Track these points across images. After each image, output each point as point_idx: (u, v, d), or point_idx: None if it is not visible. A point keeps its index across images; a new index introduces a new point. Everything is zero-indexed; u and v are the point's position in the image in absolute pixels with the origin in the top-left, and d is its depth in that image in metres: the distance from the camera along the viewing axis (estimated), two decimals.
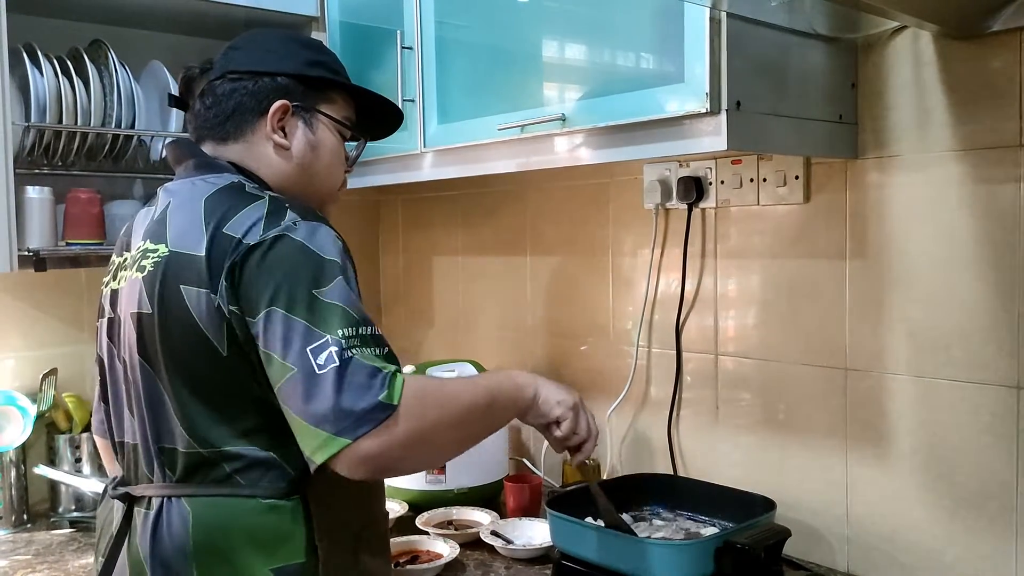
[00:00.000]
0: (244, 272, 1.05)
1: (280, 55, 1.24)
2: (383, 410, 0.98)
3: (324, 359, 0.98)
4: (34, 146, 1.82)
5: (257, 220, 1.07)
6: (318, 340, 0.99)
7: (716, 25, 1.25)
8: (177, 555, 1.09)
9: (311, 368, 0.98)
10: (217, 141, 1.23)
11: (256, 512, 1.09)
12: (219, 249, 1.06)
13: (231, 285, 1.05)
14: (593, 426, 1.26)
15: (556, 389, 1.22)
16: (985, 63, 1.35)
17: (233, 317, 1.05)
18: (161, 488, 1.13)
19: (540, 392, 1.21)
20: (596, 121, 1.42)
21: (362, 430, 0.97)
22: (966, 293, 1.39)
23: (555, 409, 1.21)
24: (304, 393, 0.98)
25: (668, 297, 1.83)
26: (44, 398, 1.95)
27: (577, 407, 1.23)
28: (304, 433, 0.99)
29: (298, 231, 1.06)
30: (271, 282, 1.03)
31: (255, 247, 1.05)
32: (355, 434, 0.96)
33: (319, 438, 0.98)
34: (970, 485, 1.40)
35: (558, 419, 1.22)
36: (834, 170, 1.55)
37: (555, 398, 1.21)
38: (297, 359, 0.99)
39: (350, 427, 0.97)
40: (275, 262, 1.04)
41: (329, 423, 0.97)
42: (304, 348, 0.99)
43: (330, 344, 0.99)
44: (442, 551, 1.63)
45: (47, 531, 1.90)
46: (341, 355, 0.99)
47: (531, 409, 1.20)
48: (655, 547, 1.41)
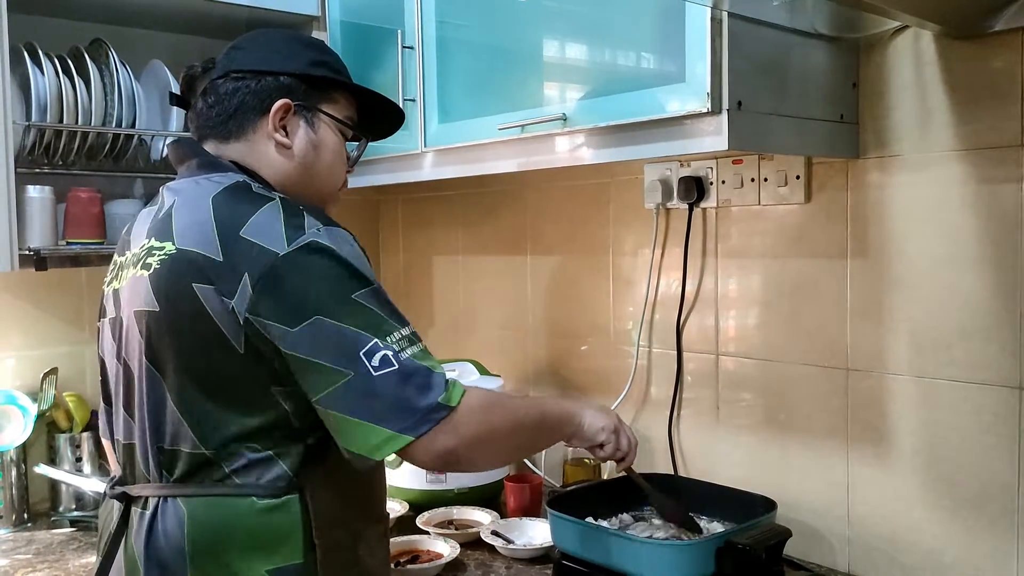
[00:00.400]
0: (278, 283, 1.04)
1: (283, 55, 1.23)
2: (442, 410, 1.04)
3: (379, 361, 1.03)
4: (35, 145, 1.82)
5: (276, 225, 1.07)
6: (368, 343, 1.03)
7: (717, 25, 1.25)
8: (172, 555, 1.09)
9: (368, 371, 1.02)
10: (219, 140, 1.23)
11: (253, 513, 1.09)
12: (240, 255, 1.05)
13: (258, 294, 1.04)
14: (633, 439, 1.38)
15: (598, 416, 1.32)
16: (986, 63, 1.35)
17: (253, 323, 1.04)
18: (158, 488, 1.12)
19: (584, 421, 1.30)
20: (597, 121, 1.42)
21: (424, 427, 1.03)
22: (967, 293, 1.39)
23: (599, 435, 1.32)
24: (364, 395, 1.02)
25: (669, 297, 1.83)
26: (45, 397, 1.95)
27: (618, 430, 1.34)
28: (361, 432, 1.03)
29: (323, 237, 1.07)
30: (310, 291, 1.04)
31: (286, 257, 1.04)
32: (417, 431, 1.02)
33: (382, 435, 1.02)
34: (971, 486, 1.40)
35: (602, 444, 1.33)
36: (835, 170, 1.55)
37: (598, 424, 1.32)
38: (351, 363, 1.02)
39: (414, 424, 1.02)
40: (310, 271, 1.05)
41: (394, 421, 1.02)
42: (357, 352, 1.02)
43: (381, 347, 1.03)
44: (443, 551, 1.63)
45: (47, 530, 1.90)
46: (396, 357, 1.03)
47: (576, 435, 1.31)
48: (656, 547, 1.42)
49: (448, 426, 1.04)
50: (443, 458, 1.05)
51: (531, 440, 1.26)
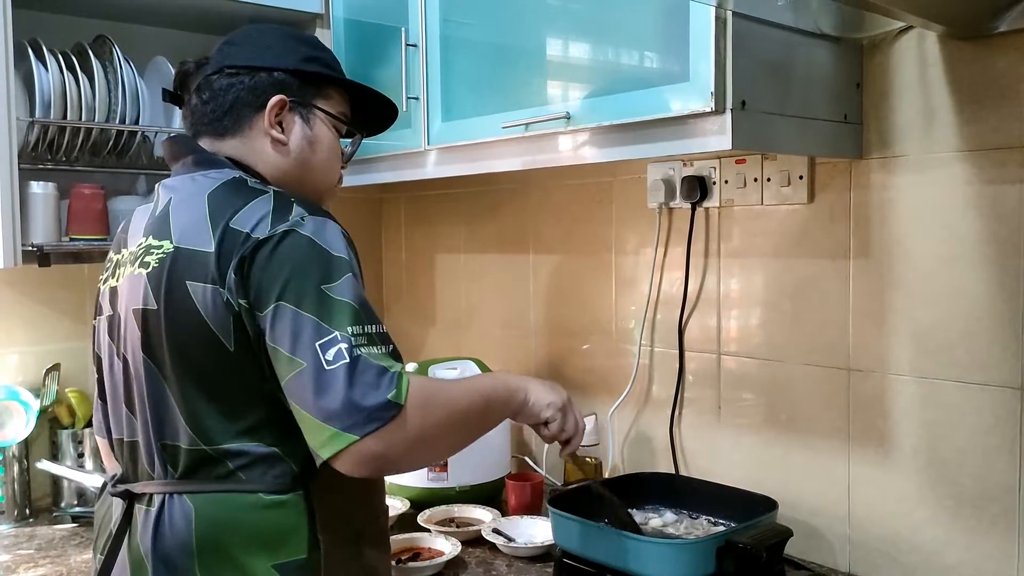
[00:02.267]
0: (253, 266, 1.05)
1: (277, 51, 1.23)
2: (391, 408, 0.99)
3: (333, 355, 0.99)
4: (38, 141, 1.82)
5: (264, 214, 1.08)
6: (327, 336, 1.00)
7: (721, 24, 1.25)
8: (180, 552, 1.09)
9: (320, 363, 0.99)
10: (214, 136, 1.23)
11: (259, 508, 1.09)
12: (228, 244, 1.06)
13: (239, 279, 1.05)
14: (581, 422, 1.31)
15: (545, 391, 1.26)
16: (991, 64, 1.35)
17: (242, 311, 1.05)
18: (163, 485, 1.12)
19: (530, 395, 1.24)
20: (600, 120, 1.42)
21: (370, 427, 0.98)
22: (970, 294, 1.39)
23: (544, 411, 1.25)
24: (313, 388, 0.99)
25: (671, 296, 1.83)
26: (47, 393, 1.95)
27: (565, 407, 1.27)
28: (311, 428, 1.00)
29: (306, 226, 1.07)
30: (280, 277, 1.04)
31: (264, 241, 1.05)
32: (363, 431, 0.98)
33: (326, 433, 0.99)
34: (972, 486, 1.40)
35: (547, 420, 1.26)
36: (838, 170, 1.55)
37: (545, 400, 1.25)
38: (306, 354, 1.00)
39: (359, 424, 0.98)
40: (284, 257, 1.05)
41: (338, 419, 0.98)
42: (313, 343, 1.00)
43: (339, 340, 1.00)
44: (443, 548, 1.64)
45: (49, 526, 1.90)
46: (351, 352, 1.00)
47: (522, 411, 1.24)
48: (657, 546, 1.42)
49: (392, 428, 0.99)
50: (376, 463, 1.00)
51: (474, 427, 1.16)
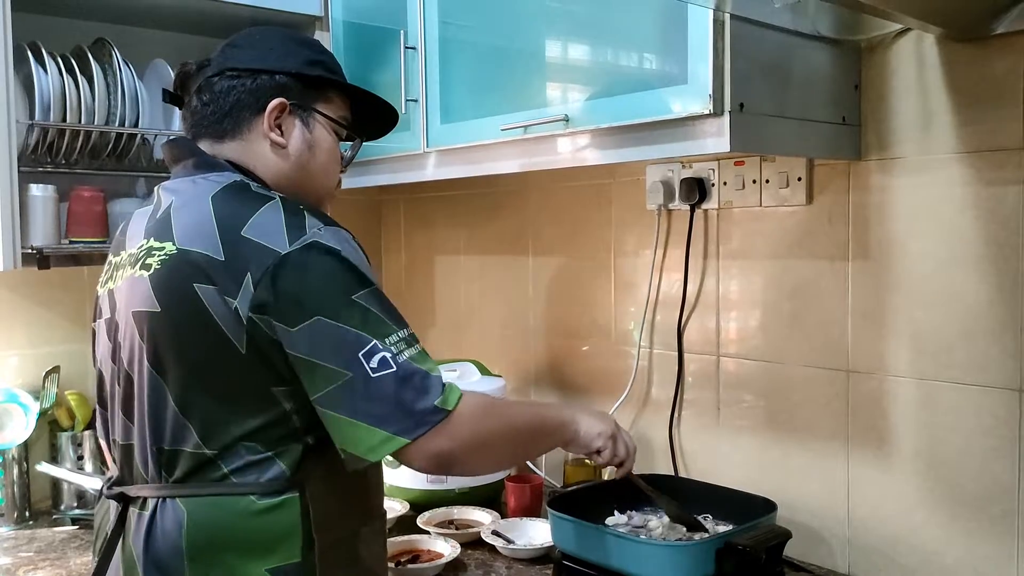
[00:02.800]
0: (279, 283, 1.04)
1: (279, 53, 1.23)
2: (438, 413, 1.05)
3: (377, 363, 1.03)
4: (38, 144, 1.82)
5: (278, 226, 1.07)
6: (367, 345, 1.04)
7: (720, 27, 1.25)
8: (171, 555, 1.09)
9: (366, 372, 1.03)
10: (214, 139, 1.22)
11: (252, 512, 1.09)
12: (242, 254, 1.06)
13: (260, 294, 1.04)
14: (631, 444, 1.37)
15: (594, 422, 1.31)
16: (989, 66, 1.35)
17: (256, 322, 1.05)
18: (157, 489, 1.12)
19: (581, 428, 1.30)
20: (599, 122, 1.42)
21: (421, 430, 1.04)
22: (969, 295, 1.39)
23: (595, 441, 1.31)
24: (362, 396, 1.03)
25: (670, 298, 1.83)
26: (47, 395, 1.95)
27: (615, 436, 1.33)
28: (357, 433, 1.04)
29: (325, 237, 1.07)
30: (311, 291, 1.05)
31: (287, 257, 1.05)
32: (414, 434, 1.03)
33: (377, 437, 1.03)
34: (972, 488, 1.40)
35: (599, 450, 1.32)
36: (837, 172, 1.55)
37: (595, 431, 1.31)
38: (350, 364, 1.03)
39: (411, 427, 1.03)
40: (312, 271, 1.05)
41: (391, 423, 1.03)
42: (356, 353, 1.03)
43: (380, 349, 1.04)
44: (443, 551, 1.64)
45: (49, 528, 1.90)
46: (395, 359, 1.04)
47: (574, 441, 1.30)
48: (656, 548, 1.42)
49: (444, 429, 1.05)
50: (438, 461, 1.06)
51: (527, 446, 1.28)
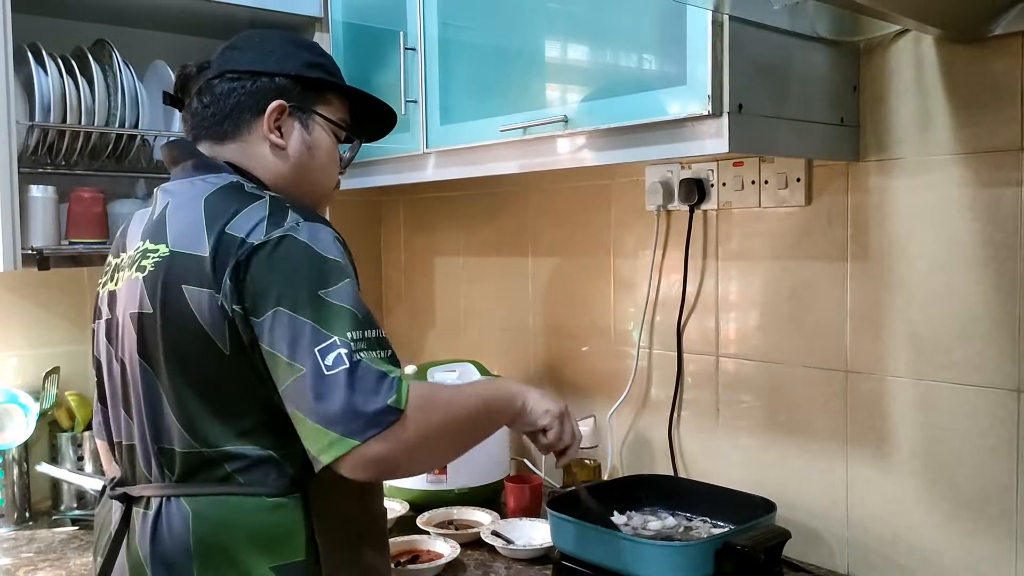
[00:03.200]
0: (248, 271, 1.05)
1: (278, 56, 1.24)
2: (391, 413, 0.99)
3: (333, 360, 0.99)
4: (38, 145, 1.82)
5: (260, 220, 1.08)
6: (326, 341, 1.00)
7: (718, 27, 1.25)
8: (178, 555, 1.09)
9: (320, 369, 0.99)
10: (214, 140, 1.23)
11: (257, 511, 1.09)
12: (223, 249, 1.07)
13: (235, 284, 1.05)
14: (578, 431, 1.30)
15: (543, 399, 1.25)
16: (987, 67, 1.36)
17: (236, 316, 1.05)
18: (160, 488, 1.13)
19: (528, 402, 1.24)
20: (598, 123, 1.43)
21: (371, 432, 0.98)
22: (967, 296, 1.39)
23: (542, 419, 1.25)
24: (313, 393, 0.99)
25: (669, 299, 1.83)
26: (47, 396, 1.96)
27: (563, 415, 1.27)
28: (311, 433, 1.00)
29: (301, 231, 1.07)
30: (276, 282, 1.04)
31: (259, 247, 1.05)
32: (364, 436, 0.98)
33: (327, 438, 0.99)
34: (970, 488, 1.40)
35: (544, 428, 1.25)
36: (835, 173, 1.55)
37: (541, 408, 1.24)
38: (305, 359, 1.00)
39: (360, 429, 0.98)
40: (280, 262, 1.05)
41: (339, 424, 0.98)
42: (312, 348, 1.00)
43: (338, 345, 1.00)
44: (443, 551, 1.64)
45: (49, 529, 1.90)
46: (350, 357, 1.00)
47: (519, 418, 1.24)
48: (655, 548, 1.42)
49: (393, 432, 0.99)
50: (377, 468, 1.00)
51: (473, 432, 1.17)
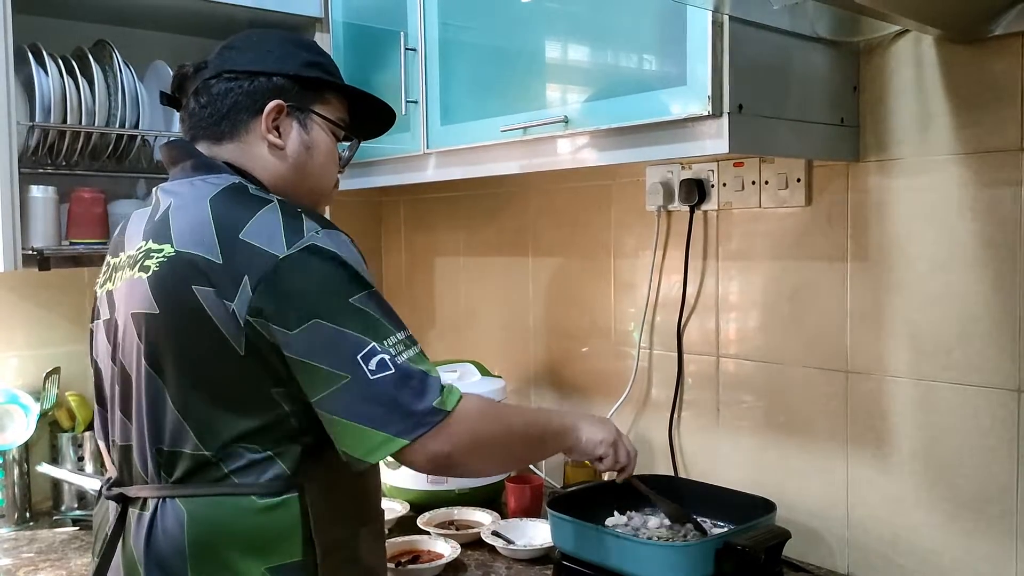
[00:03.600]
0: (277, 286, 1.05)
1: (276, 55, 1.23)
2: (436, 414, 1.05)
3: (376, 365, 1.04)
4: (38, 145, 1.82)
5: (276, 228, 1.07)
6: (366, 347, 1.04)
7: (718, 28, 1.25)
8: (172, 556, 1.09)
9: (365, 375, 1.03)
10: (212, 141, 1.23)
11: (253, 512, 1.09)
12: (239, 257, 1.06)
13: (257, 296, 1.04)
14: (632, 449, 1.38)
15: (596, 429, 1.32)
16: (987, 67, 1.36)
17: (248, 326, 1.05)
18: (157, 489, 1.12)
19: (582, 435, 1.31)
20: (599, 123, 1.43)
21: (420, 431, 1.04)
22: (967, 296, 1.39)
23: (597, 448, 1.32)
24: (361, 398, 1.03)
25: (670, 299, 1.84)
26: (47, 396, 1.96)
27: (616, 443, 1.34)
28: (357, 435, 1.04)
29: (323, 240, 1.08)
30: (309, 294, 1.05)
31: (285, 260, 1.05)
32: (414, 435, 1.04)
33: (377, 439, 1.03)
34: (970, 488, 1.40)
35: (601, 457, 1.33)
36: (836, 173, 1.55)
37: (596, 438, 1.32)
38: (349, 367, 1.04)
39: (410, 428, 1.04)
40: (310, 274, 1.06)
41: (390, 425, 1.03)
42: (354, 356, 1.04)
43: (378, 351, 1.04)
44: (443, 551, 1.64)
45: (50, 529, 1.90)
46: (393, 361, 1.04)
47: (575, 448, 1.31)
48: (655, 548, 1.42)
49: (443, 431, 1.05)
50: (436, 462, 1.06)
51: (526, 451, 1.29)
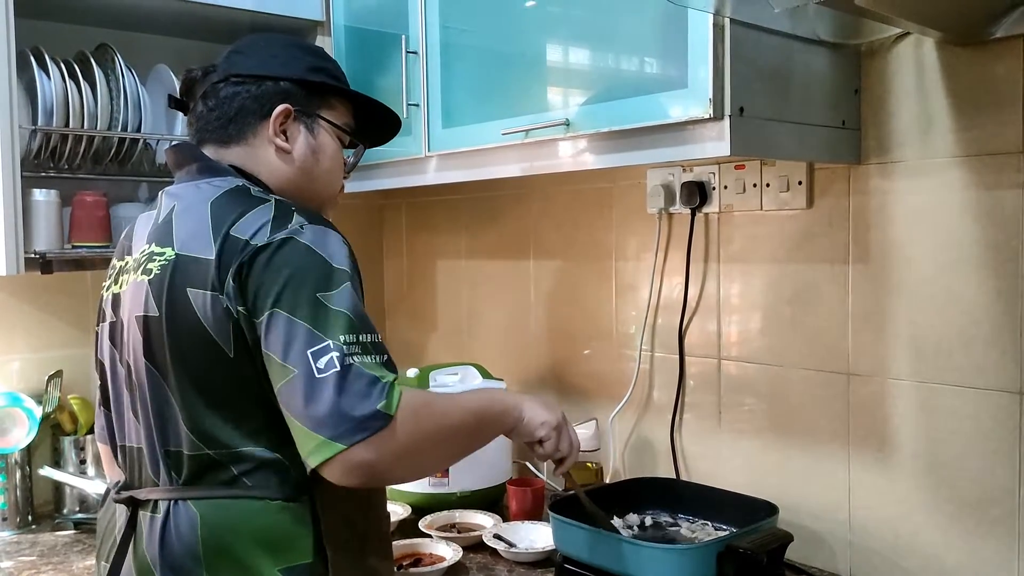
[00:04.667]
0: (251, 272, 1.05)
1: (283, 60, 1.25)
2: (380, 419, 0.99)
3: (325, 363, 1.00)
4: (41, 149, 1.83)
5: (264, 222, 1.08)
6: (319, 344, 1.01)
7: (719, 31, 1.25)
8: (186, 558, 1.09)
9: (311, 371, 0.99)
10: (219, 144, 1.24)
11: (264, 513, 1.09)
12: (228, 251, 1.07)
13: (237, 284, 1.06)
14: (576, 440, 1.31)
15: (540, 410, 1.26)
16: (988, 69, 1.36)
17: (241, 318, 1.06)
18: (167, 491, 1.13)
19: (525, 414, 1.24)
20: (600, 126, 1.43)
21: (358, 436, 0.98)
22: (968, 298, 1.39)
23: (539, 430, 1.25)
24: (304, 395, 0.99)
25: (671, 301, 1.84)
26: (49, 400, 1.96)
27: (560, 426, 1.28)
28: (301, 435, 1.01)
29: (305, 234, 1.08)
30: (276, 284, 1.04)
31: (262, 248, 1.06)
32: (351, 440, 0.98)
33: (315, 441, 0.99)
34: (972, 490, 1.40)
35: (541, 439, 1.26)
36: (837, 175, 1.55)
37: (539, 419, 1.25)
38: (297, 361, 1.00)
39: (347, 432, 0.98)
40: (281, 264, 1.05)
41: (327, 427, 0.98)
42: (305, 351, 1.00)
43: (331, 349, 1.00)
44: (444, 554, 1.64)
45: (51, 532, 1.90)
46: (342, 360, 1.00)
47: (516, 429, 1.24)
48: (657, 551, 1.42)
49: (380, 437, 0.99)
50: (361, 473, 1.00)
51: (465, 442, 1.17)
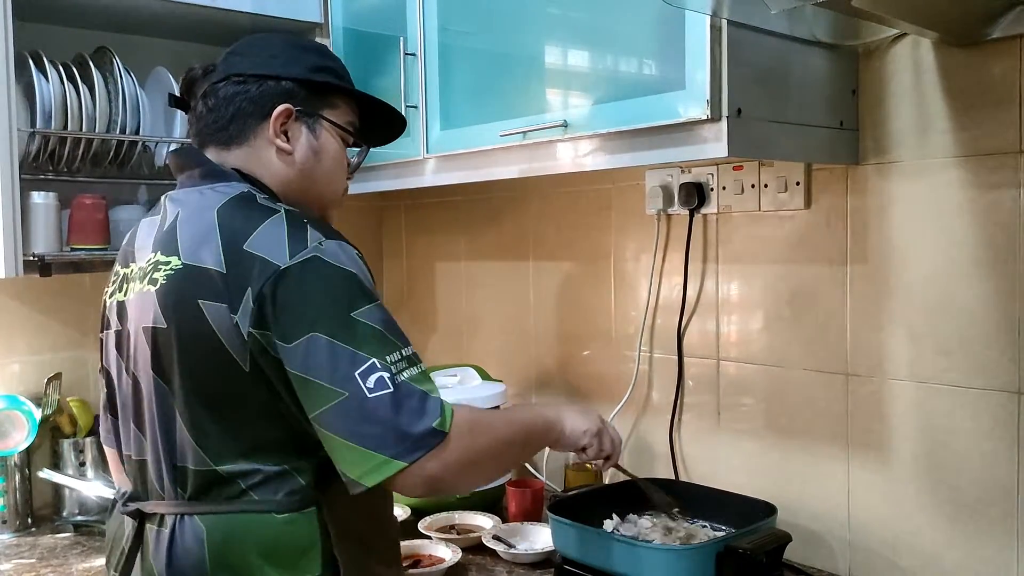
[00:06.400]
0: (278, 297, 1.03)
1: (284, 59, 1.22)
2: (436, 436, 1.01)
3: (374, 383, 1.00)
4: (39, 152, 1.82)
5: (280, 238, 1.05)
6: (364, 363, 1.01)
7: (717, 32, 1.26)
8: (193, 572, 1.08)
9: (362, 392, 1.00)
10: (220, 146, 1.21)
11: (272, 526, 1.08)
12: (242, 268, 1.04)
13: (259, 307, 1.03)
14: (616, 438, 1.38)
15: (579, 419, 1.31)
16: (985, 70, 1.36)
17: (252, 339, 1.03)
18: (174, 505, 1.11)
19: (566, 426, 1.29)
20: (598, 127, 1.43)
21: (418, 454, 1.00)
22: (967, 298, 1.40)
23: (581, 440, 1.31)
24: (358, 416, 1.00)
25: (670, 302, 1.84)
26: (48, 402, 1.96)
27: (601, 431, 1.34)
28: (353, 456, 1.01)
29: (326, 252, 1.05)
30: (309, 307, 1.02)
31: (286, 271, 1.03)
32: (411, 457, 1.00)
33: (374, 460, 1.00)
34: (971, 490, 1.40)
35: (585, 447, 1.32)
36: (835, 176, 1.55)
37: (580, 428, 1.31)
38: (346, 384, 1.00)
39: (407, 450, 1.00)
40: (311, 286, 1.03)
41: (388, 447, 1.00)
42: (352, 373, 1.00)
43: (378, 368, 1.01)
44: (444, 555, 1.64)
45: (51, 535, 1.90)
46: (392, 380, 1.01)
47: (559, 441, 1.30)
48: (656, 552, 1.42)
49: (439, 452, 1.01)
50: (430, 485, 1.03)
51: (516, 455, 1.29)
